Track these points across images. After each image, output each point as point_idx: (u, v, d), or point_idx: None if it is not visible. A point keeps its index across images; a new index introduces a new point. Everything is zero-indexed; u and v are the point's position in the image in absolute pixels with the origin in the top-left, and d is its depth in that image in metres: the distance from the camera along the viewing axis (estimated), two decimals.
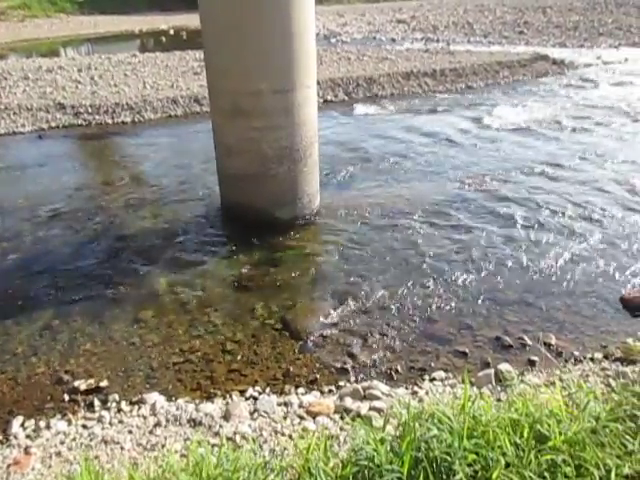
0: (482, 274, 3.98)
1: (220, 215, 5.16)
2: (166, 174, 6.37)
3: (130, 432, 2.53)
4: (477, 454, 1.69)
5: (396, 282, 3.90)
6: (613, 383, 2.57)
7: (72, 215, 5.22)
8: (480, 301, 3.66)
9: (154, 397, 2.80)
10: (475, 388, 2.68)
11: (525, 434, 1.76)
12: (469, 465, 1.66)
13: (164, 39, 20.50)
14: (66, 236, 4.80)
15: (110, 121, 8.64)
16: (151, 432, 2.52)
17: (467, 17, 21.74)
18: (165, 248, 4.54)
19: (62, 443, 2.47)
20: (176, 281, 4.01)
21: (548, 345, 3.16)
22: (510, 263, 4.12)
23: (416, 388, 2.82)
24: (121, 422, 2.62)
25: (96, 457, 2.33)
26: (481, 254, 4.26)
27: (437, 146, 7.19)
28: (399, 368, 3.03)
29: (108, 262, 4.34)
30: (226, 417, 2.59)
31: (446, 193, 5.51)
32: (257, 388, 2.88)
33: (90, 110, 8.80)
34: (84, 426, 2.60)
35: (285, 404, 2.70)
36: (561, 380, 2.61)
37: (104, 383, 2.95)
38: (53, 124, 8.45)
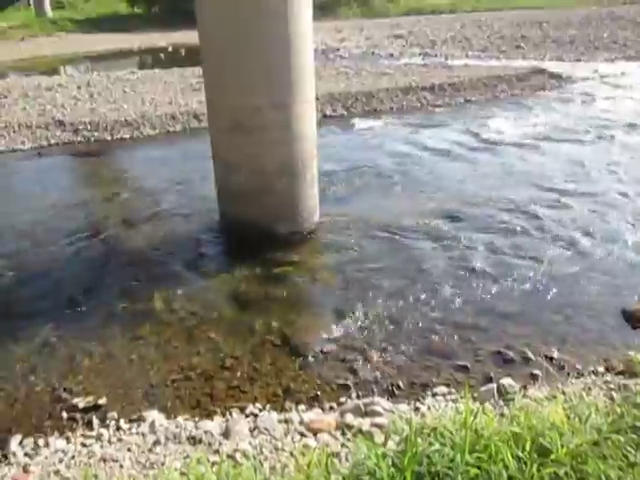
0: (483, 288, 4.00)
1: (219, 231, 5.19)
2: (164, 189, 6.41)
3: (129, 450, 2.52)
4: (479, 468, 1.70)
5: (397, 297, 3.92)
6: (615, 396, 2.58)
7: (71, 232, 5.24)
8: (482, 315, 3.67)
9: (153, 415, 2.80)
10: (477, 403, 2.69)
11: (527, 447, 1.76)
12: (471, 479, 1.66)
13: (163, 56, 20.71)
14: (64, 253, 4.82)
15: (109, 138, 8.71)
16: (150, 450, 2.52)
17: (465, 32, 22.00)
18: (163, 264, 4.56)
19: (61, 461, 2.46)
20: (175, 297, 4.02)
21: (550, 358, 3.17)
22: (511, 277, 4.13)
23: (418, 404, 2.82)
24: (120, 440, 2.62)
25: (95, 476, 2.32)
26: (482, 268, 4.28)
27: (437, 161, 7.24)
28: (401, 384, 3.03)
29: (106, 278, 4.35)
30: (226, 434, 2.59)
31: (446, 208, 5.54)
32: (257, 405, 2.87)
33: (89, 127, 8.87)
34: (83, 444, 2.59)
35: (286, 421, 2.70)
36: (563, 393, 2.62)
37: (103, 401, 2.95)
38: (52, 141, 8.51)
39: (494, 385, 2.87)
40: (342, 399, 2.92)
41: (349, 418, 2.67)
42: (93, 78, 12.97)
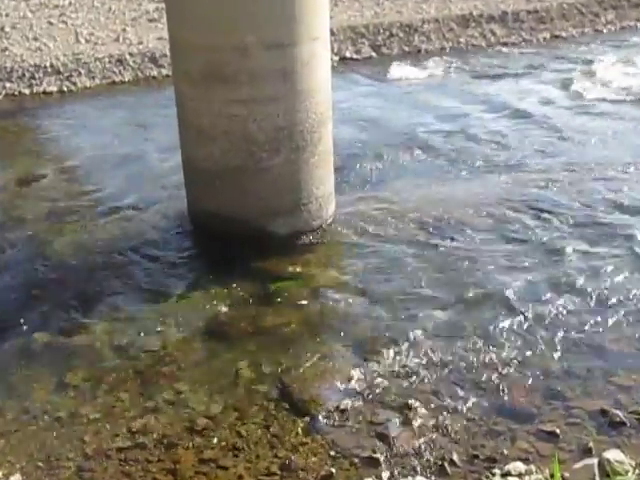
0: (578, 315, 3.98)
1: (187, 229, 5.22)
2: (108, 169, 6.44)
3: None
4: None
5: (446, 327, 3.92)
6: None
7: None
8: (576, 355, 3.65)
9: None
10: None
11: None
12: None
13: None
14: None
15: (27, 91, 8.78)
16: None
17: None
18: (106, 279, 4.58)
19: None
20: (122, 328, 4.04)
21: None
22: (618, 300, 4.11)
23: None
24: None
25: None
26: (574, 286, 4.26)
27: (508, 126, 7.21)
28: (455, 457, 3.01)
29: (22, 299, 4.38)
30: None
31: (519, 195, 5.53)
32: None
33: None
34: None
35: None
36: None
37: (16, 477, 2.96)
38: None
39: (595, 460, 2.85)
40: (368, 479, 2.91)
41: None
42: (5, 4, 13.10)
